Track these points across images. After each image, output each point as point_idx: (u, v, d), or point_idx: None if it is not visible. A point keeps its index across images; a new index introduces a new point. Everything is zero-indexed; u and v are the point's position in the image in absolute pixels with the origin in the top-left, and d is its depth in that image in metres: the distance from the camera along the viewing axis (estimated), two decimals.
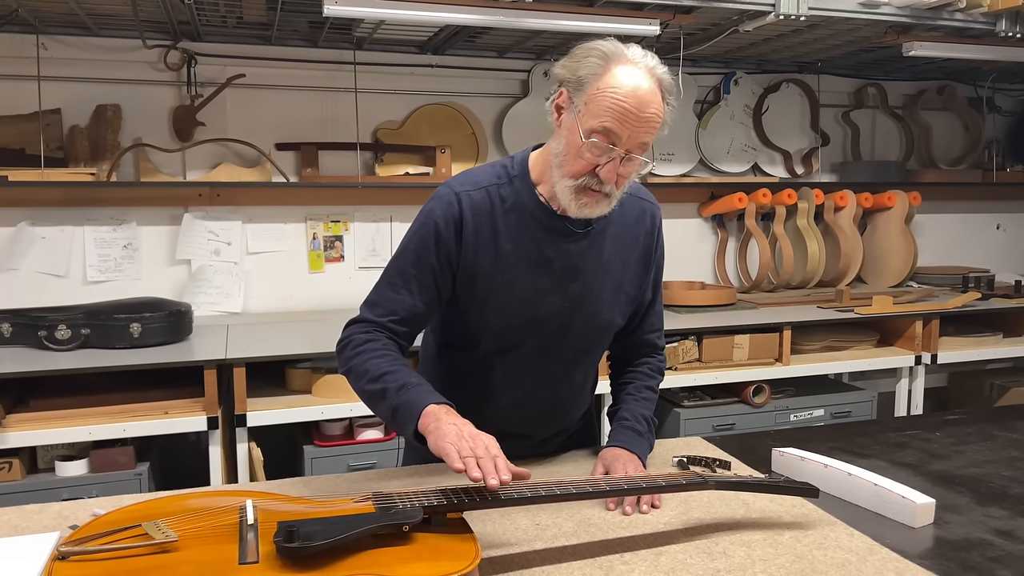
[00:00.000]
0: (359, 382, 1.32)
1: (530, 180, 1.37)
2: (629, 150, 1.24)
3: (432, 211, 1.35)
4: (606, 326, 1.46)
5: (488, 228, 1.34)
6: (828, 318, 3.11)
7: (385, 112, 3.24)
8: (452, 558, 0.93)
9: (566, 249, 1.37)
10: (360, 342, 1.33)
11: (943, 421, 1.73)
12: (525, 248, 1.35)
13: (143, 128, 2.97)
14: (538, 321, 1.38)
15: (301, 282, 3.21)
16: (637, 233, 1.45)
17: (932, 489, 1.32)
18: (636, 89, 1.21)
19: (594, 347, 1.49)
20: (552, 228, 1.36)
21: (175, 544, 0.91)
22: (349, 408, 2.55)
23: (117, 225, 3.00)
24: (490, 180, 1.37)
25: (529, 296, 1.36)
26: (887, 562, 1.08)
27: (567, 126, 1.27)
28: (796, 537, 1.16)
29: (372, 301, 1.38)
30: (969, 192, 4.09)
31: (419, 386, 1.25)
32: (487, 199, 1.35)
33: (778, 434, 1.67)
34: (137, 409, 2.37)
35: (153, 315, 2.54)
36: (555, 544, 1.12)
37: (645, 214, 1.46)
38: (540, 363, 1.42)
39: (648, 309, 1.52)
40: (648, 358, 1.55)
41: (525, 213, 1.35)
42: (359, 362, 1.31)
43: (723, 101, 3.66)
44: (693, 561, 1.08)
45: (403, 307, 1.35)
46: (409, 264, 1.35)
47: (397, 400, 1.24)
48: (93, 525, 0.96)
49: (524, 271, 1.36)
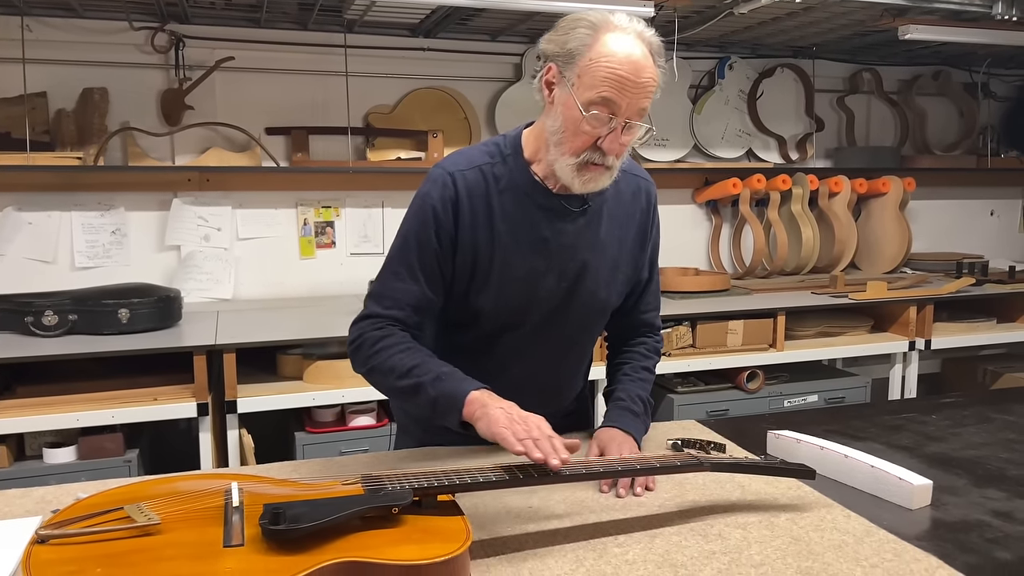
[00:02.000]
0: (386, 380, 1.29)
1: (524, 159, 1.34)
2: (629, 118, 1.22)
3: (428, 194, 1.32)
4: (603, 305, 1.44)
5: (483, 208, 1.32)
6: (822, 304, 3.10)
7: (376, 96, 3.20)
8: (443, 540, 0.90)
9: (562, 229, 1.34)
10: (376, 339, 1.30)
11: (939, 404, 1.72)
12: (521, 228, 1.33)
13: (131, 112, 2.93)
14: (535, 301, 1.36)
15: (292, 268, 3.18)
16: (633, 210, 1.42)
17: (929, 471, 1.31)
18: (630, 55, 1.19)
19: (590, 327, 1.47)
20: (548, 208, 1.33)
21: (158, 527, 0.89)
22: (341, 394, 2.53)
23: (105, 210, 2.96)
24: (483, 159, 1.34)
25: (526, 277, 1.34)
26: (884, 543, 1.06)
27: (561, 101, 1.24)
28: (792, 519, 1.14)
29: (378, 293, 1.35)
30: (963, 178, 4.09)
31: (452, 374, 1.25)
32: (481, 179, 1.32)
33: (773, 417, 1.65)
34: (126, 395, 2.34)
35: (142, 301, 2.51)
36: (547, 527, 1.10)
37: (640, 191, 1.44)
38: (536, 343, 1.40)
39: (644, 288, 1.50)
40: (645, 338, 1.52)
41: (520, 192, 1.33)
42: (381, 360, 1.29)
43: (717, 86, 3.63)
44: (688, 543, 1.06)
45: (411, 296, 1.32)
46: (412, 251, 1.32)
47: (435, 392, 1.23)
48: (74, 508, 0.94)
49: (520, 252, 1.33)
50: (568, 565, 1.00)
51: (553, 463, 1.06)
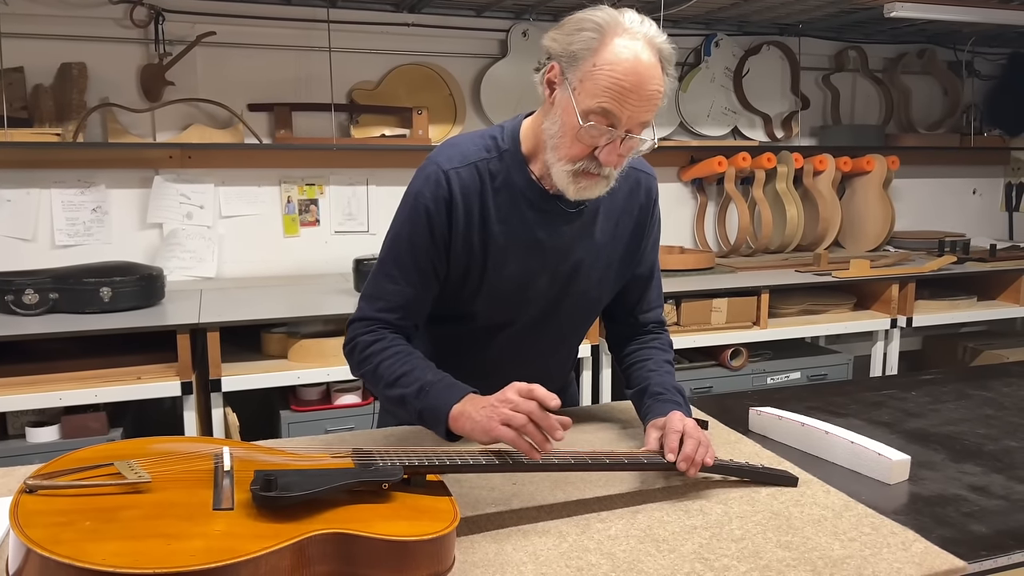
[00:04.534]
0: (376, 387, 1.29)
1: (521, 156, 1.30)
2: (629, 130, 1.16)
3: (420, 193, 1.28)
4: (594, 304, 1.43)
5: (478, 208, 1.29)
6: (806, 282, 3.11)
7: (360, 72, 3.17)
8: (432, 518, 0.91)
9: (558, 230, 1.32)
10: (366, 344, 1.28)
11: (919, 381, 1.74)
12: (515, 229, 1.30)
13: (110, 87, 2.88)
14: (527, 302, 1.35)
15: (276, 246, 3.16)
16: (631, 206, 1.39)
17: (908, 447, 1.33)
18: (636, 65, 1.12)
19: (581, 323, 1.46)
20: (543, 209, 1.30)
21: (148, 485, 0.89)
22: (326, 373, 2.53)
23: (85, 188, 2.92)
24: (479, 155, 1.30)
25: (519, 278, 1.32)
26: (863, 518, 1.08)
27: (561, 104, 1.19)
28: (772, 495, 1.16)
29: (371, 295, 1.33)
30: (946, 157, 4.10)
31: (437, 384, 1.21)
32: (476, 177, 1.28)
33: (756, 394, 1.67)
34: (109, 374, 2.33)
35: (124, 279, 2.49)
36: (532, 503, 1.11)
37: (640, 187, 1.40)
38: (527, 341, 1.40)
39: (647, 285, 1.46)
40: (656, 334, 1.48)
41: (516, 192, 1.29)
42: (371, 368, 1.27)
43: (703, 63, 3.62)
44: (670, 518, 1.08)
45: (404, 298, 1.30)
46: (404, 253, 1.29)
47: (420, 405, 1.21)
48: (63, 460, 0.94)
49: (514, 253, 1.31)
50: (551, 541, 1.01)
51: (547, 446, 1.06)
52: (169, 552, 0.76)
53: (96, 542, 0.76)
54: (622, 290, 1.45)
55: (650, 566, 0.95)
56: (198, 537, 0.80)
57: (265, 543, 0.79)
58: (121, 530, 0.79)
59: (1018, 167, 4.30)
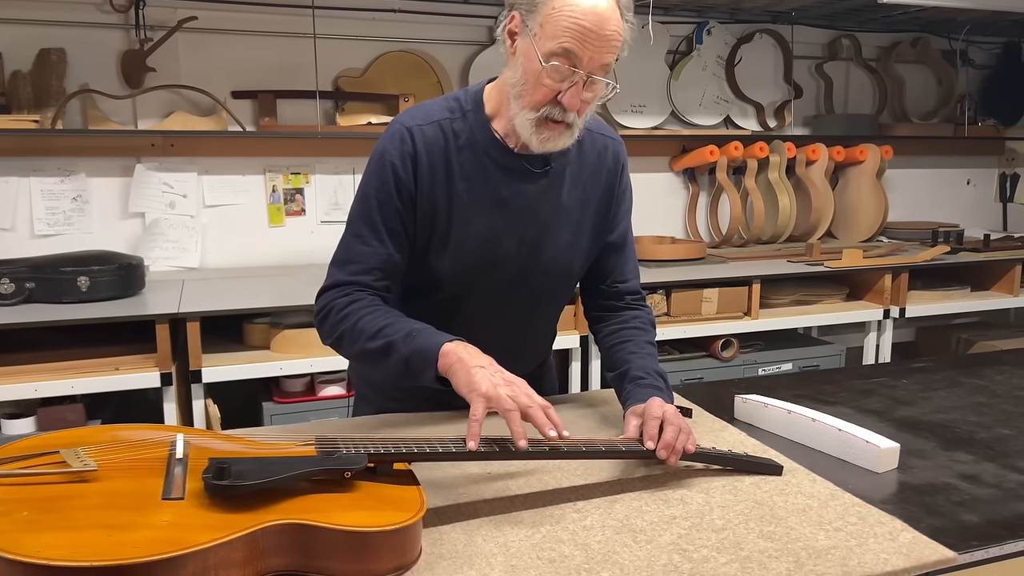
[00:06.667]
0: (355, 345, 1.23)
1: (484, 115, 1.29)
2: (591, 72, 1.16)
3: (386, 151, 1.27)
4: (565, 272, 1.39)
5: (442, 166, 1.27)
6: (798, 272, 3.08)
7: (346, 59, 3.11)
8: (395, 509, 0.87)
9: (522, 190, 1.30)
10: (343, 305, 1.24)
11: (910, 369, 1.70)
12: (479, 187, 1.28)
13: (90, 74, 2.83)
14: (494, 265, 1.31)
15: (261, 236, 3.11)
16: (598, 171, 1.37)
17: (897, 435, 1.29)
18: (595, 6, 1.13)
19: (554, 293, 1.42)
20: (508, 167, 1.29)
21: (94, 474, 0.84)
22: (309, 364, 2.48)
23: (65, 176, 2.87)
24: (442, 114, 1.29)
25: (485, 238, 1.29)
26: (849, 507, 1.04)
27: (522, 52, 1.19)
28: (756, 483, 1.12)
29: (342, 260, 1.29)
30: (940, 147, 4.06)
31: (424, 330, 1.18)
32: (440, 134, 1.27)
33: (743, 382, 1.63)
34: (86, 365, 2.28)
35: (102, 268, 2.44)
36: (505, 493, 1.07)
37: (607, 151, 1.38)
38: (498, 310, 1.35)
39: (619, 254, 1.42)
40: (635, 311, 1.44)
41: (479, 150, 1.28)
42: (349, 325, 1.22)
43: (695, 51, 3.57)
44: (648, 508, 1.04)
45: (377, 259, 1.26)
46: (374, 212, 1.26)
47: (407, 349, 1.16)
48: (7, 449, 0.90)
49: (478, 211, 1.29)
50: (523, 531, 0.96)
51: (551, 435, 1.02)
52: (111, 544, 0.71)
53: (33, 533, 0.72)
54: (596, 260, 1.42)
55: (625, 557, 0.91)
56: (144, 528, 0.75)
57: (215, 534, 0.75)
58: (61, 521, 0.75)
59: (1012, 157, 4.26)
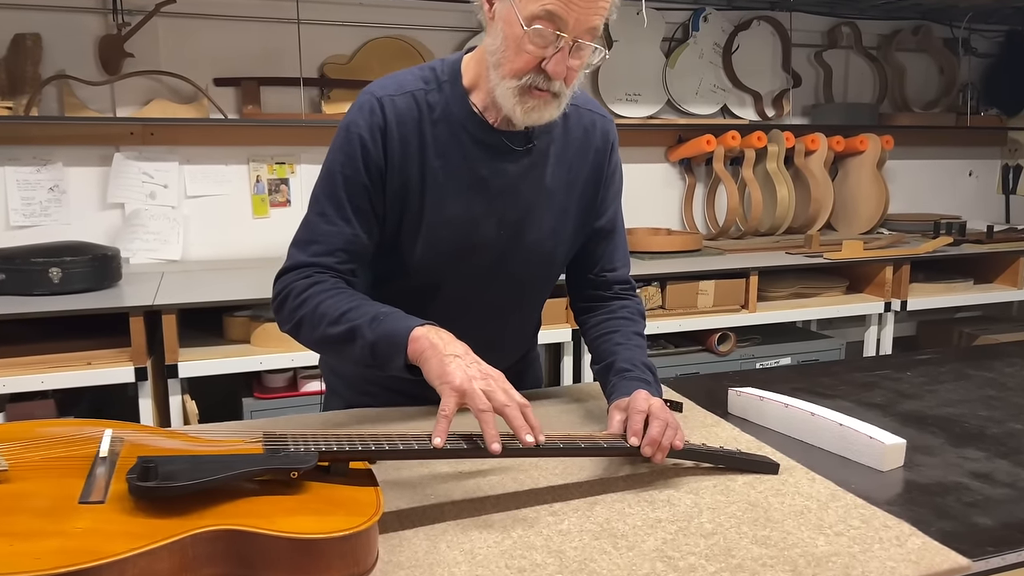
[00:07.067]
0: (315, 331, 1.11)
1: (462, 86, 1.19)
2: (577, 37, 1.06)
3: (353, 123, 1.17)
4: (548, 259, 1.29)
5: (415, 140, 1.17)
6: (796, 264, 2.99)
7: (332, 46, 3.02)
8: (347, 512, 0.78)
9: (503, 169, 1.20)
10: (303, 288, 1.13)
11: (914, 361, 1.61)
12: (455, 165, 1.18)
13: (66, 59, 2.74)
14: (471, 250, 1.22)
15: (245, 228, 3.02)
16: (586, 150, 1.27)
17: (902, 430, 1.20)
18: None
19: (536, 282, 1.32)
20: (487, 144, 1.19)
21: (3, 474, 0.76)
22: (291, 358, 2.39)
23: (42, 165, 2.78)
24: (416, 84, 1.19)
25: (461, 221, 1.20)
26: (851, 508, 0.95)
27: (502, 17, 1.09)
28: (750, 483, 1.02)
29: (303, 240, 1.18)
30: (941, 137, 3.98)
31: (393, 313, 1.08)
32: (413, 106, 1.17)
33: (738, 375, 1.55)
34: (56, 359, 2.19)
35: (75, 259, 2.35)
36: (475, 494, 0.98)
37: (595, 128, 1.28)
38: (474, 300, 1.26)
39: (607, 240, 1.33)
40: (624, 300, 1.34)
41: (456, 125, 1.18)
42: (309, 310, 1.11)
43: (692, 39, 3.48)
44: (632, 511, 0.94)
45: (342, 239, 1.16)
46: (339, 188, 1.16)
47: (374, 335, 1.05)
48: None
49: (455, 192, 1.19)
50: (492, 536, 0.88)
51: (528, 440, 0.92)
52: (10, 554, 0.63)
53: None
54: (582, 247, 1.33)
55: (604, 565, 0.82)
56: (53, 536, 0.66)
57: (135, 543, 0.66)
58: None
59: (1015, 148, 4.17)
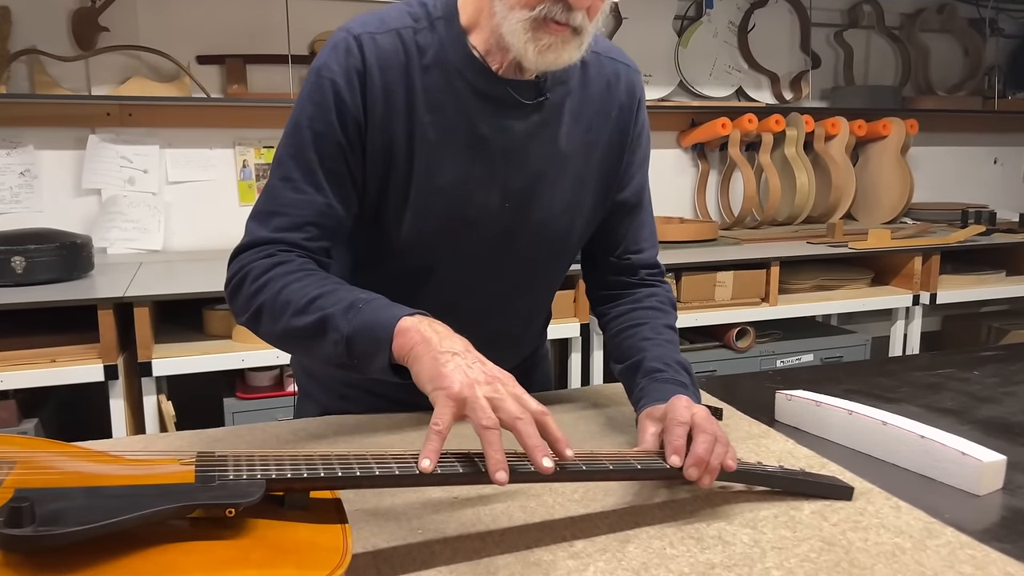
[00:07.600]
0: (278, 322, 0.89)
1: (459, 25, 0.97)
2: None
3: (326, 66, 0.94)
4: (563, 237, 1.07)
5: (401, 90, 0.95)
6: (820, 254, 2.79)
7: (322, 21, 2.83)
8: (299, 565, 0.57)
9: (508, 126, 0.98)
10: (263, 269, 0.91)
11: (980, 358, 1.41)
12: (451, 121, 0.97)
13: (37, 34, 2.55)
14: (468, 225, 1.00)
15: (230, 216, 2.82)
16: (608, 107, 1.06)
17: (987, 440, 1.00)
18: None
19: (547, 266, 1.11)
20: (489, 95, 0.97)
21: None
22: (275, 355, 2.20)
23: (11, 148, 2.59)
24: (402, 21, 0.97)
25: (456, 189, 0.98)
26: (956, 549, 0.74)
27: None
28: (820, 513, 0.82)
29: (264, 211, 0.95)
30: (967, 123, 3.78)
31: (374, 300, 0.86)
32: (399, 46, 0.95)
33: (778, 375, 1.35)
34: (17, 357, 2.00)
35: (40, 248, 2.16)
36: (475, 528, 0.77)
37: (619, 81, 1.07)
38: (475, 287, 1.05)
39: (632, 216, 1.12)
40: (652, 287, 1.14)
41: (451, 71, 0.96)
42: (270, 296, 0.89)
43: (705, 16, 3.29)
44: (675, 551, 0.74)
45: (312, 210, 0.94)
46: (308, 148, 0.94)
47: (349, 327, 0.84)
48: None
49: (450, 153, 0.97)
50: None
51: (545, 465, 0.70)
52: None
53: None
54: (603, 224, 1.12)
55: None
56: None
57: None
58: None
59: None
